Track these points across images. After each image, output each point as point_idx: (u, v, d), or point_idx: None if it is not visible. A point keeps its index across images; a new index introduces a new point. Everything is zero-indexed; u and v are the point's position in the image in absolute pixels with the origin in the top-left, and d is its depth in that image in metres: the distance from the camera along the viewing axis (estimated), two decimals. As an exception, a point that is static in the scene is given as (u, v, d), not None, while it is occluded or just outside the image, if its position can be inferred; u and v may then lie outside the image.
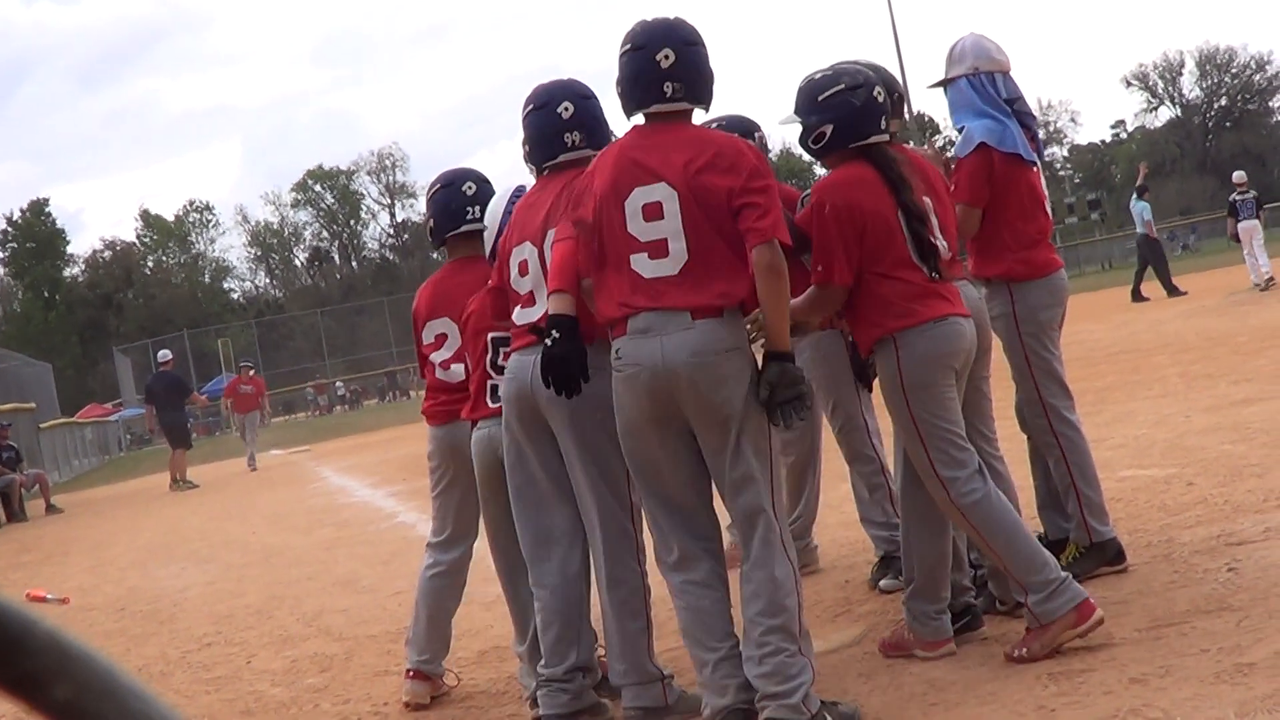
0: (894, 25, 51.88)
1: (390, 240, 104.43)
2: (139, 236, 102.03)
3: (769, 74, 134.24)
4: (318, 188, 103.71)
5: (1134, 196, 28.41)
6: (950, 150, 6.04)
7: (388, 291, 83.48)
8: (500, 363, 5.10)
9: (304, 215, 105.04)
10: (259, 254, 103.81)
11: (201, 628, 8.84)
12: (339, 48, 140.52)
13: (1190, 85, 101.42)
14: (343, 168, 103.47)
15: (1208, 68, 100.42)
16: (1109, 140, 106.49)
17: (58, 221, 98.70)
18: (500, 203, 5.38)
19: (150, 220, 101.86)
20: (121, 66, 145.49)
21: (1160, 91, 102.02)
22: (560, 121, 4.95)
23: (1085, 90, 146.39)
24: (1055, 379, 5.84)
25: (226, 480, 24.45)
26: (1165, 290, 27.71)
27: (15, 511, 23.15)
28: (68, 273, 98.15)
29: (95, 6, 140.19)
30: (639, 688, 4.76)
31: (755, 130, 6.38)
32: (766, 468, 4.46)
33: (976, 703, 4.38)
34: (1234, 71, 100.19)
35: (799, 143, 5.10)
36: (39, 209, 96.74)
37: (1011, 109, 5.85)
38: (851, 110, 4.87)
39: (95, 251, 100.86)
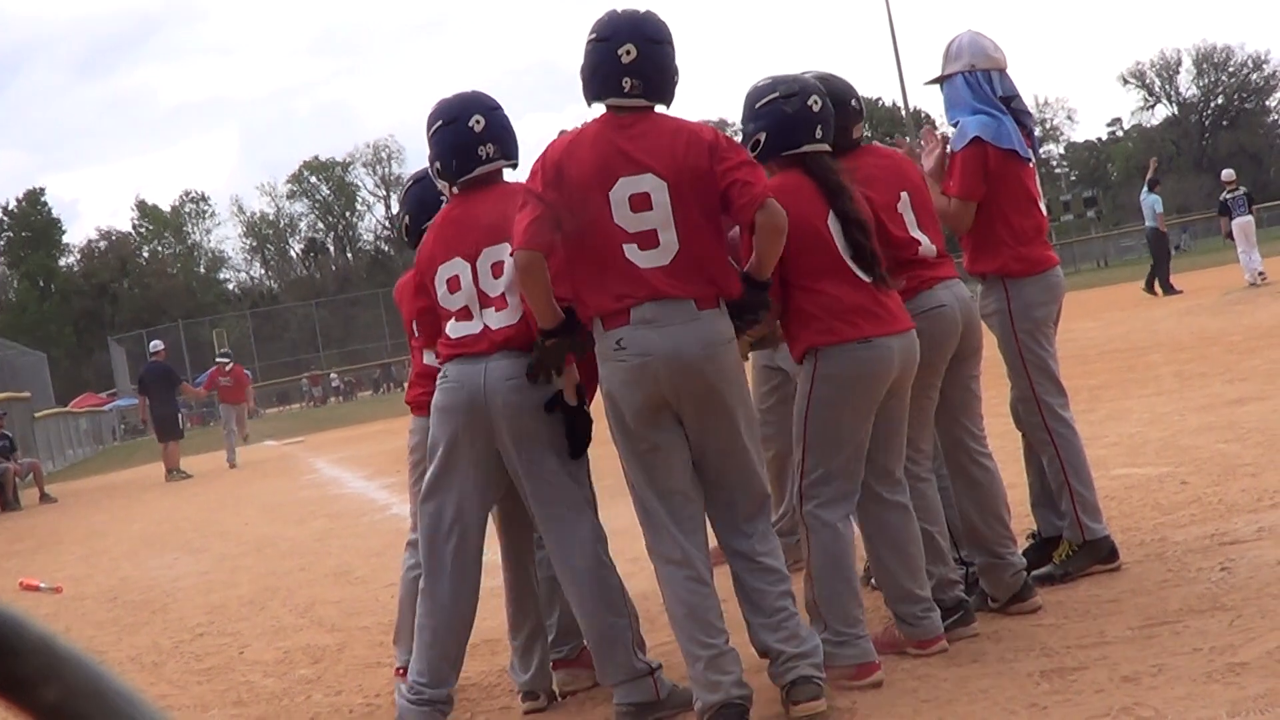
0: (890, 22, 51.85)
1: (386, 232, 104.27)
2: (135, 226, 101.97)
3: (775, 71, 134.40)
4: (313, 179, 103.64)
5: (1145, 189, 28.36)
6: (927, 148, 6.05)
7: (383, 284, 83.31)
8: None
9: (299, 206, 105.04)
10: (254, 245, 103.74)
11: (194, 618, 8.83)
12: (336, 39, 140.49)
13: (1187, 83, 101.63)
14: (338, 159, 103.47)
15: (1205, 66, 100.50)
16: (1105, 138, 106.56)
17: (53, 211, 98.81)
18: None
19: (146, 210, 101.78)
20: (118, 56, 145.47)
21: (1157, 89, 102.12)
22: (473, 135, 4.96)
23: (1082, 88, 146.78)
24: (1050, 376, 5.84)
25: (220, 471, 24.44)
26: (1161, 288, 27.67)
27: (9, 500, 23.15)
28: (63, 262, 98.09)
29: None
30: (628, 685, 4.77)
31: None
32: (753, 457, 4.60)
33: (968, 700, 4.38)
34: (1231, 70, 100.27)
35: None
36: (35, 198, 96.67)
37: (1007, 107, 5.85)
38: (783, 119, 4.89)
39: (91, 241, 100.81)
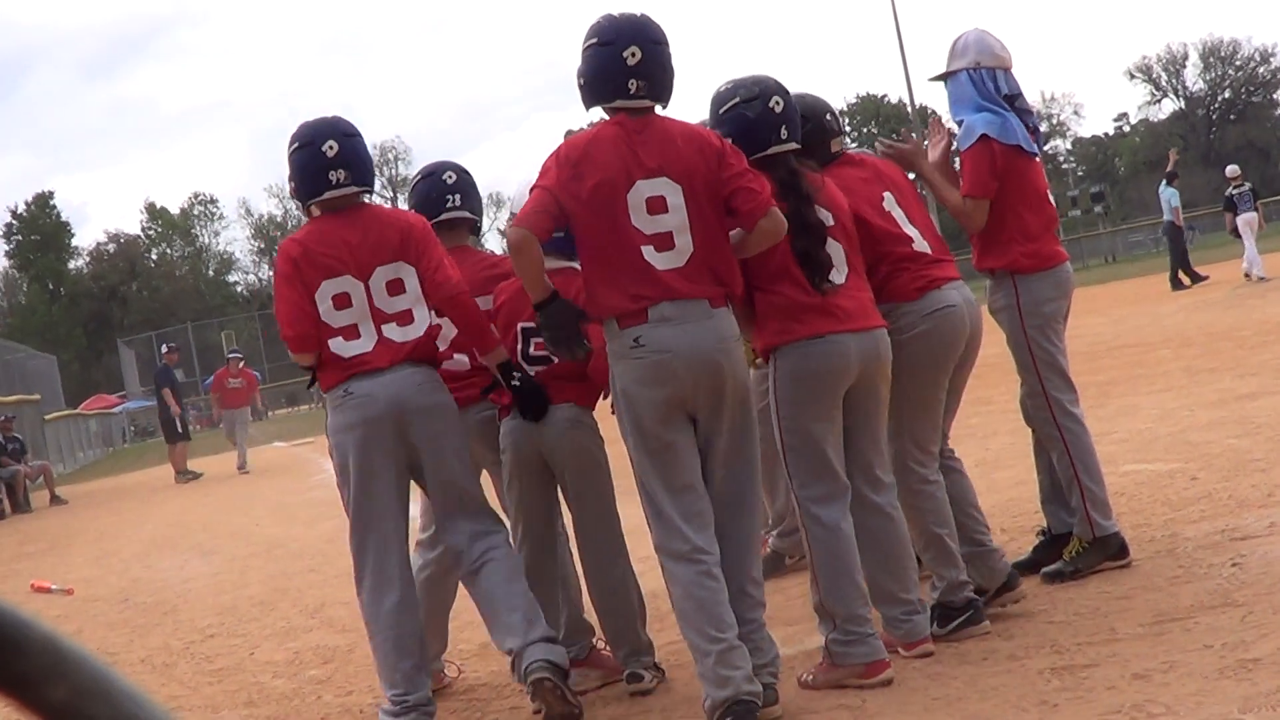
0: (896, 18, 51.83)
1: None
2: (144, 229, 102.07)
3: (773, 72, 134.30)
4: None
5: (1163, 182, 28.30)
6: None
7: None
8: (532, 353, 5.13)
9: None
10: (262, 247, 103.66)
11: (205, 619, 8.85)
12: (342, 41, 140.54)
13: (1194, 78, 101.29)
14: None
15: (1211, 60, 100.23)
16: (1112, 133, 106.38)
17: (62, 214, 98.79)
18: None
19: (155, 213, 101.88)
20: (126, 59, 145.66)
21: (1164, 84, 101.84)
22: (324, 159, 5.07)
23: (1088, 83, 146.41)
24: (1059, 372, 5.83)
25: (230, 472, 24.45)
26: (1188, 276, 27.47)
27: (20, 502, 23.22)
28: (72, 265, 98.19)
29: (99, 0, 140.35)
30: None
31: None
32: (756, 455, 4.77)
33: (978, 698, 4.38)
34: (1238, 64, 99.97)
35: None
36: (44, 201, 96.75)
37: (1010, 105, 5.86)
38: (747, 123, 4.93)
39: (99, 244, 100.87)
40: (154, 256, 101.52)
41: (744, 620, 4.57)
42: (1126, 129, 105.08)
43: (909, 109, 58.32)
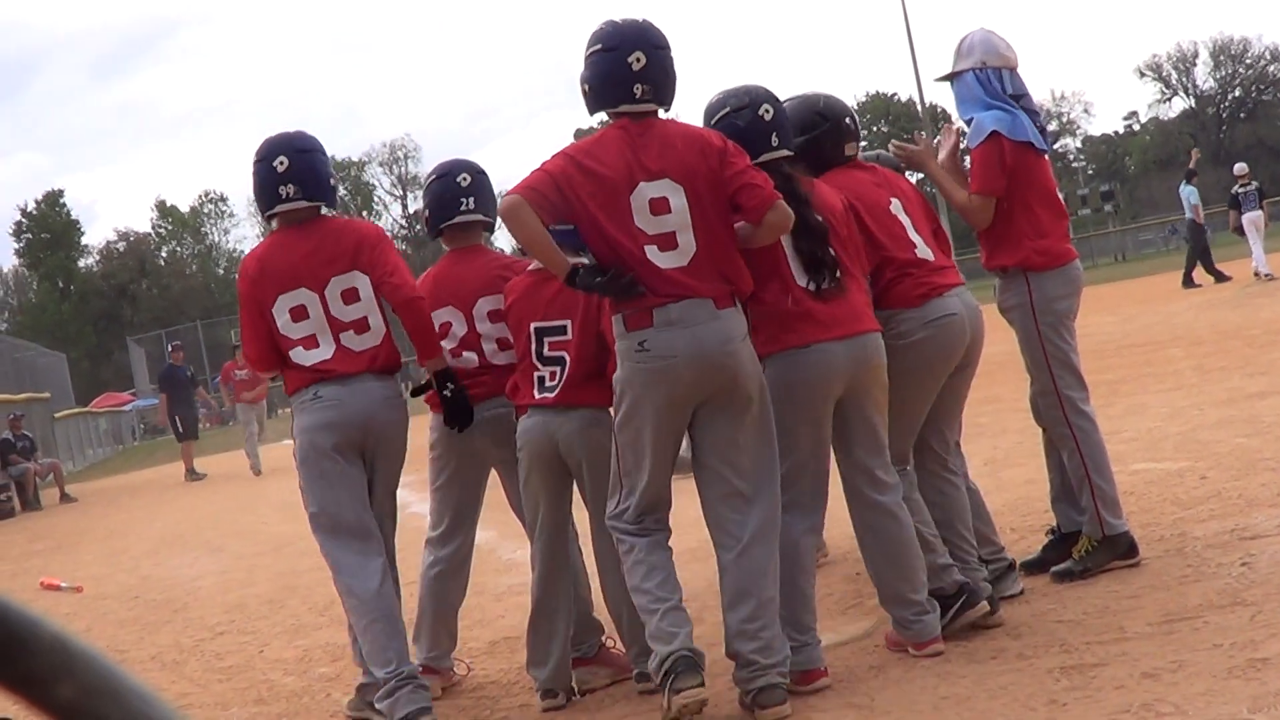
0: (906, 16, 51.78)
1: (402, 231, 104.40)
2: (154, 227, 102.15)
3: (784, 71, 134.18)
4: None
5: (1183, 181, 28.27)
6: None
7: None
8: (546, 353, 5.14)
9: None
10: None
11: (214, 617, 8.86)
12: (353, 39, 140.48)
13: (1204, 76, 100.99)
14: (355, 159, 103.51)
15: (1222, 58, 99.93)
16: (1122, 131, 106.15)
17: (72, 212, 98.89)
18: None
19: (165, 211, 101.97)
20: (135, 58, 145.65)
21: (1174, 82, 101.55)
22: (275, 174, 5.37)
23: (1098, 81, 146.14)
24: (1071, 370, 5.82)
25: (240, 470, 24.45)
26: (1183, 279, 27.45)
27: (30, 500, 23.27)
28: (82, 263, 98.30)
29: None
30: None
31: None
32: (775, 449, 4.78)
33: (987, 696, 4.38)
34: (1248, 62, 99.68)
35: None
36: (54, 200, 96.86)
37: (1017, 105, 5.86)
38: (736, 131, 4.95)
39: (109, 242, 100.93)
40: (164, 254, 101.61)
41: (754, 616, 4.61)
42: (1136, 127, 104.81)
43: (919, 107, 58.29)
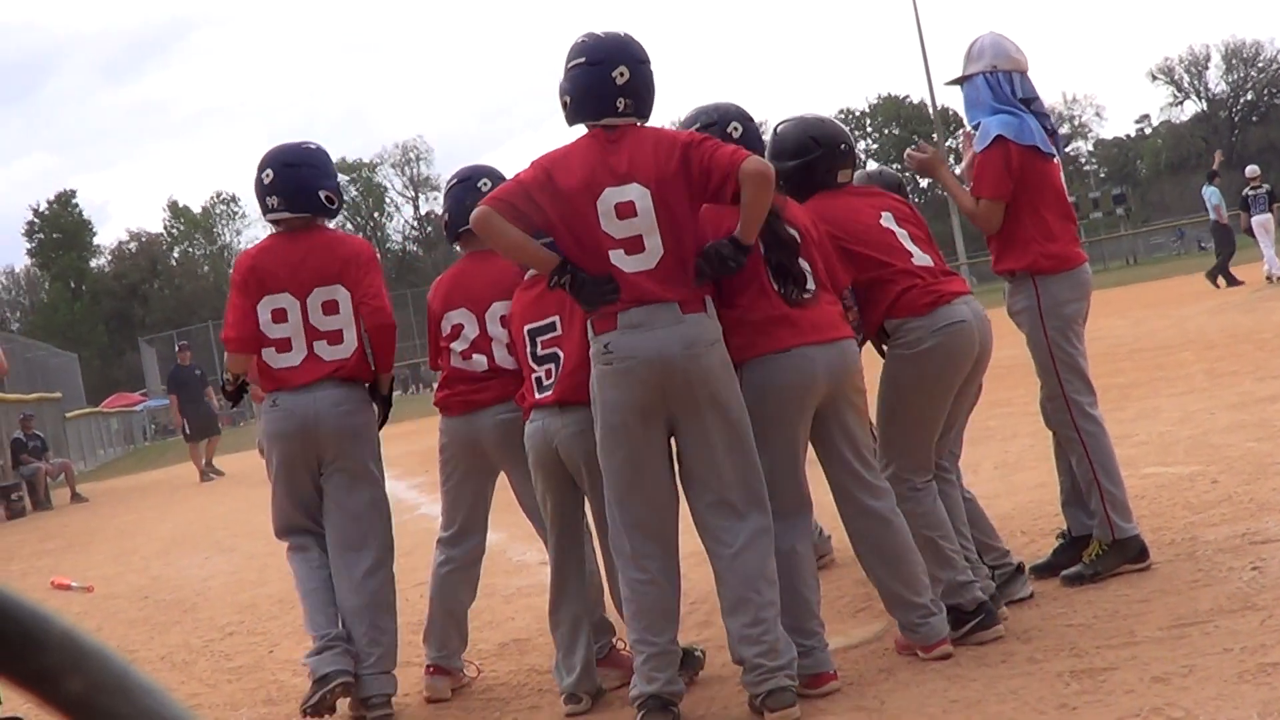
0: (918, 19, 51.78)
1: (414, 233, 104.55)
2: (166, 227, 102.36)
3: (797, 74, 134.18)
4: (341, 180, 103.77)
5: (1206, 182, 28.21)
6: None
7: (412, 284, 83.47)
8: (540, 352, 5.16)
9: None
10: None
11: (224, 617, 8.87)
12: (365, 40, 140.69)
13: (1216, 79, 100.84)
14: (366, 160, 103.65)
15: (1234, 62, 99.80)
16: (1134, 134, 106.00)
17: (84, 212, 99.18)
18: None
19: (178, 211, 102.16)
20: (147, 59, 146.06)
21: (1186, 85, 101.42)
22: (262, 186, 5.73)
23: (1110, 84, 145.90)
24: (1079, 374, 5.81)
25: (251, 470, 24.46)
26: (1209, 275, 27.17)
27: (41, 500, 23.30)
28: (94, 264, 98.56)
29: (121, 0, 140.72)
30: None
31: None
32: (754, 455, 4.75)
33: (997, 700, 4.37)
34: (1260, 66, 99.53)
35: None
36: (66, 200, 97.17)
37: (1027, 108, 5.86)
38: None
39: (121, 243, 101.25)
40: (176, 255, 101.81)
41: (756, 621, 4.62)
42: (1148, 130, 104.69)
43: (930, 110, 58.24)
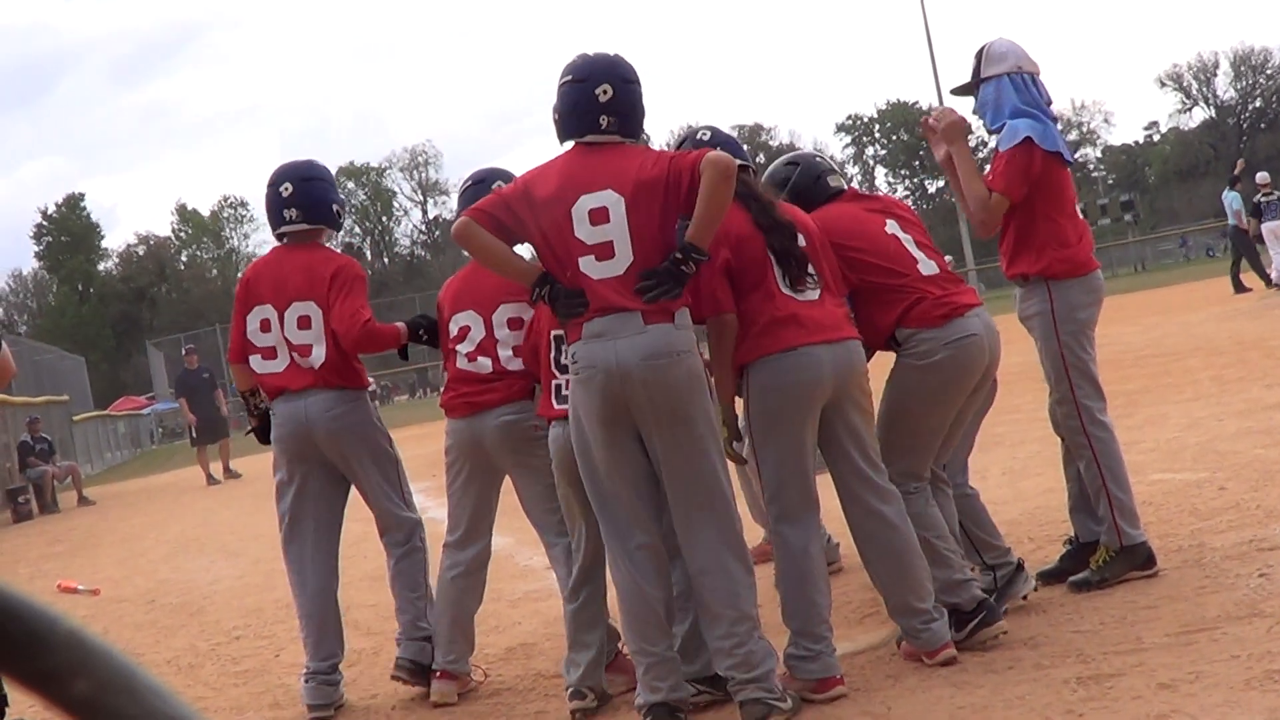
0: (926, 24, 51.76)
1: (422, 237, 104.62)
2: (174, 231, 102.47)
3: (806, 79, 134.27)
4: (350, 184, 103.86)
5: (1227, 187, 28.14)
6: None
7: (420, 288, 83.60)
8: (563, 360, 5.17)
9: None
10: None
11: (231, 621, 8.88)
12: (376, 45, 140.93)
13: (1225, 86, 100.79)
14: (375, 164, 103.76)
15: (1242, 69, 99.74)
16: (1142, 141, 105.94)
17: (93, 216, 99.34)
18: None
19: (186, 215, 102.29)
20: (157, 63, 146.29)
21: (1194, 92, 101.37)
22: (280, 199, 6.04)
23: (1119, 91, 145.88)
24: (1090, 380, 5.81)
25: (259, 473, 24.45)
26: (1233, 284, 26.94)
27: (47, 503, 23.34)
28: (102, 267, 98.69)
29: (132, 4, 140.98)
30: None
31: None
32: (718, 467, 4.74)
33: (1004, 706, 4.37)
34: (1269, 73, 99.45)
35: None
36: (74, 203, 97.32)
37: (1046, 113, 5.87)
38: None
39: (129, 246, 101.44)
40: (184, 258, 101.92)
41: (728, 634, 4.64)
42: (1157, 137, 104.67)
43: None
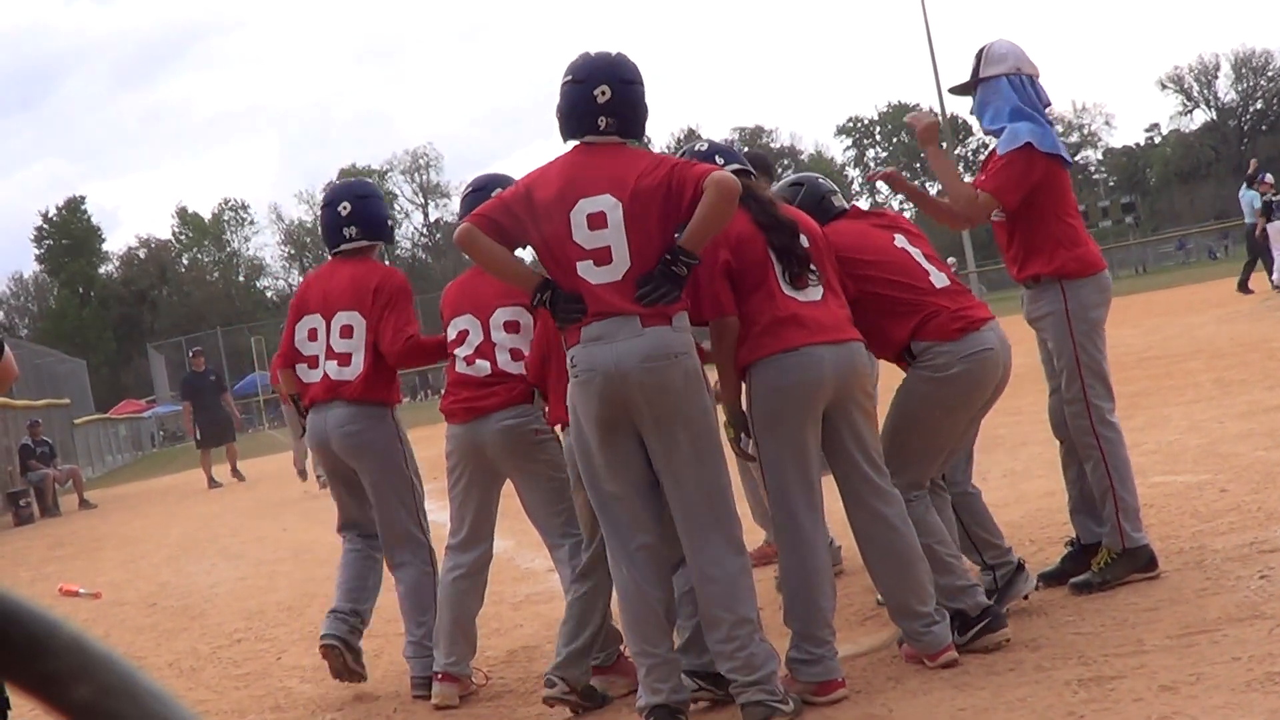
0: (927, 26, 51.76)
1: (423, 240, 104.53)
2: (175, 234, 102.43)
3: (806, 81, 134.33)
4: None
5: (1244, 185, 28.10)
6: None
7: (421, 290, 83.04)
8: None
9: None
10: (293, 252, 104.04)
11: (232, 623, 8.88)
12: (377, 48, 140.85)
13: (1225, 88, 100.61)
14: (376, 167, 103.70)
15: (1243, 71, 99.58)
16: (1143, 143, 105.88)
17: (94, 219, 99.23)
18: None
19: (187, 218, 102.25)
20: (159, 66, 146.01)
21: (1195, 94, 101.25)
22: (339, 218, 6.25)
23: (1119, 93, 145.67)
24: (1102, 380, 5.80)
25: (262, 475, 24.48)
26: (1239, 286, 26.83)
27: (49, 506, 23.34)
28: (103, 270, 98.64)
29: (134, 7, 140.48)
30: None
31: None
32: (719, 468, 4.75)
33: (1005, 709, 4.37)
34: (1270, 75, 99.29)
35: None
36: (75, 206, 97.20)
37: (1045, 116, 5.88)
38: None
39: (130, 249, 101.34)
40: (185, 261, 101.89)
41: (729, 637, 4.65)
42: (1158, 139, 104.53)
43: (940, 117, 58.21)
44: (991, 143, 5.99)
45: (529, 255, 5.07)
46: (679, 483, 4.68)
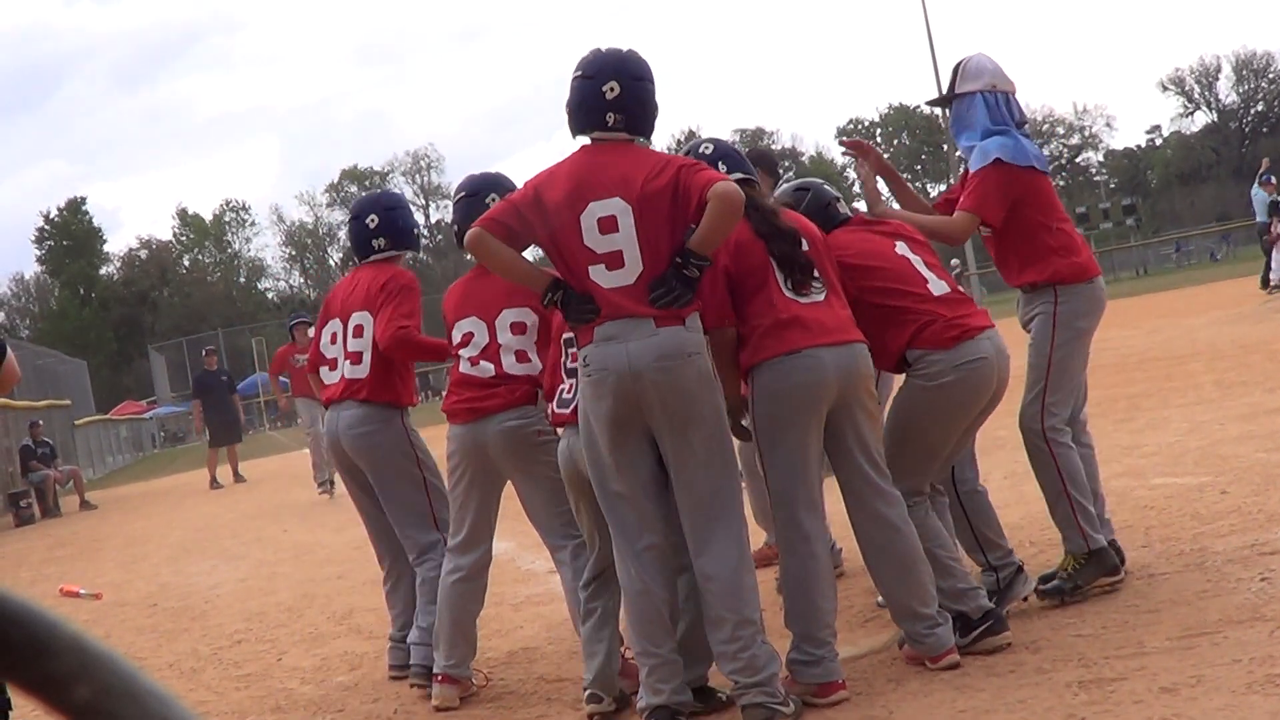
0: (928, 28, 51.78)
1: (424, 241, 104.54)
2: (176, 235, 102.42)
3: (807, 83, 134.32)
4: (353, 188, 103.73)
5: (1254, 184, 28.08)
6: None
7: (422, 292, 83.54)
8: (569, 364, 5.17)
9: (339, 215, 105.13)
10: (294, 254, 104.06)
11: (233, 625, 8.88)
12: (377, 49, 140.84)
13: (1227, 90, 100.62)
14: (377, 168, 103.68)
15: (1245, 72, 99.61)
16: (1144, 145, 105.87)
17: (94, 220, 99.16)
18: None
19: (187, 219, 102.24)
20: (160, 67, 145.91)
21: (1196, 96, 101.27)
22: (367, 230, 6.40)
23: (1121, 94, 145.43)
24: (1066, 388, 5.77)
25: (264, 477, 24.48)
26: (1261, 282, 26.82)
27: (49, 507, 23.33)
28: (104, 271, 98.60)
29: (134, 7, 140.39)
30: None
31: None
32: (729, 470, 4.77)
33: (1005, 710, 4.37)
34: (1271, 77, 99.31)
35: None
36: (76, 207, 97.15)
37: (1019, 130, 5.89)
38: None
39: (131, 250, 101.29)
40: (185, 262, 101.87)
41: (732, 638, 4.66)
42: (1159, 141, 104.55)
43: (941, 119, 58.20)
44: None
45: (528, 255, 5.07)
46: (689, 482, 4.70)
